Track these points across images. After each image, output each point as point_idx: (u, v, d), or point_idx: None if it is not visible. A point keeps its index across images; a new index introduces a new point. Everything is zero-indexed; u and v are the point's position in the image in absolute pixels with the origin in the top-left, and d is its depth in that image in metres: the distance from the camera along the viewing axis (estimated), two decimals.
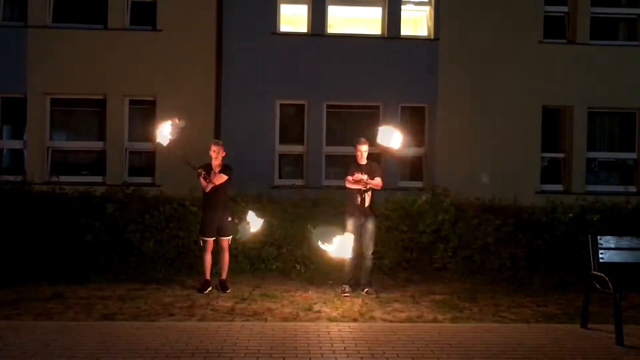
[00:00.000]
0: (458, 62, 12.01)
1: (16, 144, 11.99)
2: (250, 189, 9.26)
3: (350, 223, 7.57)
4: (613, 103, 12.42)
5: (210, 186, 7.48)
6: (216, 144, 7.78)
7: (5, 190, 9.31)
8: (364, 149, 7.66)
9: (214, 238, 7.63)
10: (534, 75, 12.11)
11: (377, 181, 7.56)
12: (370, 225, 7.56)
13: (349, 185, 7.61)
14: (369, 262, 7.62)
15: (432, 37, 12.19)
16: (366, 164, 7.67)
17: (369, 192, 7.55)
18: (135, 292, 7.41)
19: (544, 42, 12.24)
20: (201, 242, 7.72)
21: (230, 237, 7.73)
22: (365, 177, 7.47)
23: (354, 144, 7.80)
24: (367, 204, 7.53)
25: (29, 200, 8.87)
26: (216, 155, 7.62)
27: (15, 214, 8.66)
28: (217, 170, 7.61)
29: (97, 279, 8.14)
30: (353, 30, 12.45)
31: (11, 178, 11.07)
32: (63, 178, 10.58)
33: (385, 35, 12.15)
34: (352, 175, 7.56)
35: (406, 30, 12.38)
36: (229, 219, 7.66)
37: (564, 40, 12.48)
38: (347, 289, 7.51)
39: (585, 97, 12.25)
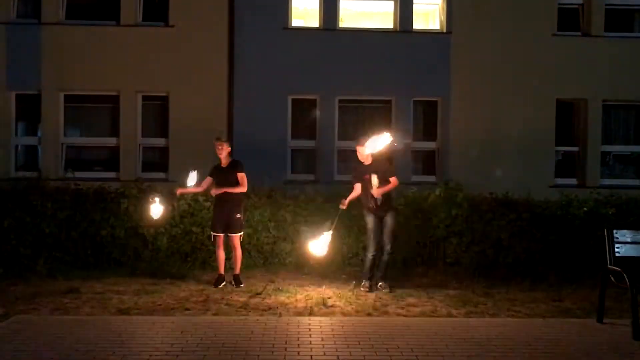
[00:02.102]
0: (470, 56, 11.94)
1: (31, 141, 12.09)
2: (262, 184, 9.28)
3: (369, 220, 7.55)
4: (628, 96, 12.29)
5: (219, 191, 7.53)
6: (217, 140, 7.73)
7: (21, 186, 9.40)
8: (359, 150, 7.53)
9: (224, 234, 7.65)
10: (548, 68, 12.01)
11: (382, 189, 7.41)
12: (389, 221, 7.53)
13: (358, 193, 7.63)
14: (385, 257, 7.60)
15: (444, 30, 12.12)
16: (371, 163, 7.57)
17: (379, 191, 7.50)
18: (150, 287, 7.47)
19: (557, 34, 12.13)
20: (212, 237, 7.76)
21: (240, 233, 7.73)
22: (374, 186, 7.37)
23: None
24: (379, 203, 7.50)
25: (45, 196, 8.95)
26: (220, 152, 7.61)
27: (31, 209, 8.74)
28: (225, 166, 7.64)
29: (112, 273, 8.22)
30: (365, 24, 12.41)
31: (27, 174, 11.20)
32: (77, 174, 10.68)
33: (398, 29, 12.11)
34: (359, 178, 7.58)
35: (418, 24, 12.33)
36: (238, 215, 7.63)
37: (578, 33, 12.36)
38: (367, 284, 7.50)
39: (599, 89, 12.13)
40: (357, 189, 7.63)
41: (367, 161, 7.58)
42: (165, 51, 11.65)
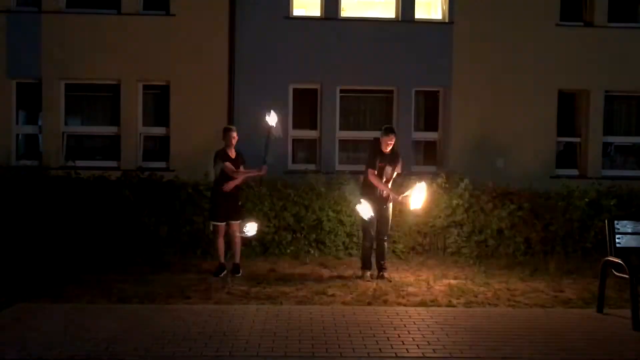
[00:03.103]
0: (472, 46, 11.88)
1: (31, 129, 12.06)
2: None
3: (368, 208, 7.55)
4: (631, 87, 12.24)
5: (231, 186, 7.51)
6: (230, 129, 7.79)
7: (22, 175, 9.41)
8: (390, 142, 7.47)
9: (227, 222, 7.66)
10: (550, 58, 11.94)
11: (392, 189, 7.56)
12: (387, 212, 7.56)
13: (373, 180, 7.47)
14: (383, 247, 7.62)
15: (446, 20, 12.05)
16: (389, 153, 7.56)
17: (389, 183, 7.56)
18: (151, 276, 7.49)
19: (560, 24, 12.06)
20: (211, 227, 7.76)
21: (240, 221, 7.75)
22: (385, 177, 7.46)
23: (384, 134, 7.52)
24: (384, 193, 7.52)
25: (45, 185, 8.96)
26: (233, 140, 7.66)
27: (32, 198, 8.75)
28: (232, 156, 7.66)
29: (113, 262, 8.23)
30: (367, 13, 12.34)
31: (27, 163, 11.20)
32: (78, 163, 10.64)
33: (400, 19, 12.04)
34: (378, 166, 7.51)
35: (420, 13, 12.25)
36: (240, 203, 7.68)
37: (581, 23, 12.29)
38: (367, 274, 7.52)
39: (602, 80, 12.08)
40: (373, 174, 7.49)
41: (387, 151, 7.54)
42: (166, 40, 11.60)
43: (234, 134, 7.69)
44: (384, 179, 7.51)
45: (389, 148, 7.53)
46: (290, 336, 5.17)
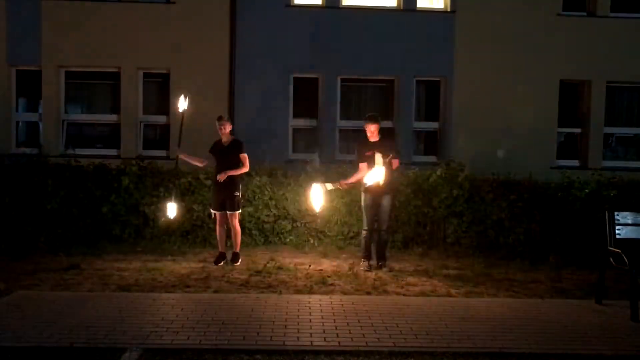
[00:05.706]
0: (474, 35, 11.82)
1: (31, 117, 12.04)
2: (264, 163, 9.28)
3: (365, 198, 7.55)
4: (633, 77, 12.18)
5: (223, 177, 7.50)
6: (219, 119, 7.77)
7: (22, 163, 9.40)
8: (372, 129, 7.44)
9: (223, 212, 7.66)
10: (552, 48, 11.89)
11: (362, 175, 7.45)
12: (385, 202, 7.50)
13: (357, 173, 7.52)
14: (383, 237, 7.62)
15: (448, 9, 11.98)
16: (378, 141, 7.51)
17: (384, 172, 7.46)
18: (151, 264, 7.50)
19: (562, 14, 11.99)
20: (212, 215, 7.80)
21: (238, 212, 7.73)
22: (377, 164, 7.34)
23: (365, 122, 7.52)
24: (381, 182, 7.46)
25: (46, 173, 8.95)
26: (222, 130, 7.63)
27: (32, 186, 8.75)
28: (226, 145, 7.65)
29: (113, 250, 8.26)
30: (368, 2, 12.25)
31: (27, 151, 11.19)
32: (78, 151, 10.65)
33: (401, 8, 11.97)
34: (362, 155, 7.50)
35: (422, 2, 12.17)
36: (236, 193, 7.64)
37: (584, 13, 12.22)
38: (365, 264, 7.52)
39: (604, 71, 12.02)
40: (363, 169, 7.49)
41: (374, 138, 7.50)
42: (166, 27, 11.54)
43: (219, 123, 7.68)
44: (374, 166, 7.36)
45: (374, 136, 7.48)
46: (288, 325, 5.18)
